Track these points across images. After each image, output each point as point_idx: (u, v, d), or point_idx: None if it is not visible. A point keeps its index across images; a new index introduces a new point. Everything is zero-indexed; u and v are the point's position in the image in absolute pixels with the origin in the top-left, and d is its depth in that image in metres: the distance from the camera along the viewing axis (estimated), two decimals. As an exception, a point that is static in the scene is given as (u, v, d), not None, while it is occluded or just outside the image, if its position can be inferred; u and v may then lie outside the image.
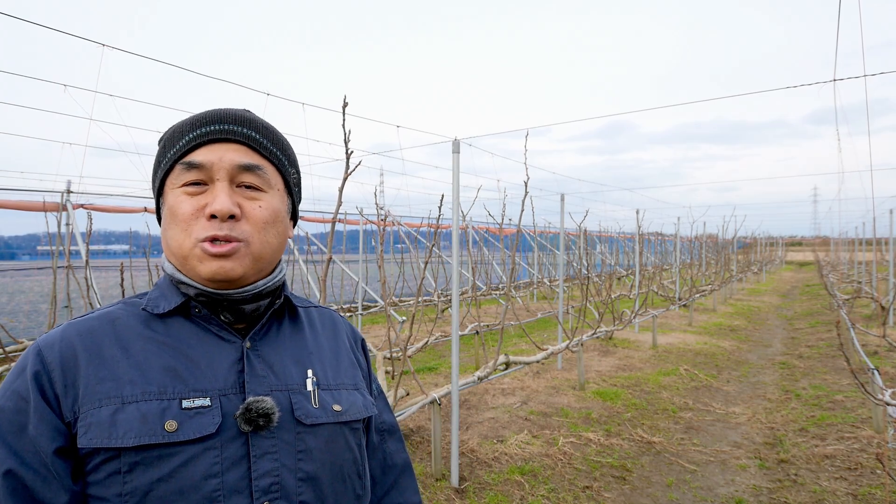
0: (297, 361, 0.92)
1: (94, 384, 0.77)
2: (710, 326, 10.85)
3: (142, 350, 0.82)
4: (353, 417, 0.92)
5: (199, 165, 0.84)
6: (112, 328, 0.83)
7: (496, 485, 3.83)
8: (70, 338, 0.81)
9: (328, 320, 1.04)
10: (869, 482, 3.90)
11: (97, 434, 0.75)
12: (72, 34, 4.76)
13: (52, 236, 5.91)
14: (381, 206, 6.47)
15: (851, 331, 7.01)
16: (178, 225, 0.84)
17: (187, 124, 0.88)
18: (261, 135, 0.89)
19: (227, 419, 0.80)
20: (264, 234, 0.87)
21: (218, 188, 0.84)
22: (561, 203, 7.44)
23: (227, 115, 0.88)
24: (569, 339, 5.89)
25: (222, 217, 0.83)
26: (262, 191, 0.88)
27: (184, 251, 0.84)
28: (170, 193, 0.86)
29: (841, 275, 20.93)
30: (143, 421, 0.76)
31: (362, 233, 11.67)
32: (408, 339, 4.05)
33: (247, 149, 0.88)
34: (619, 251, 22.37)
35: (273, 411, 0.81)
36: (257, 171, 0.87)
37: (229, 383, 0.83)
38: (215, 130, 0.86)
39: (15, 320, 10.74)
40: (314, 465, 0.85)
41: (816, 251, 41.29)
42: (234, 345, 0.87)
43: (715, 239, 19.50)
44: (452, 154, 3.79)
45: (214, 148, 0.86)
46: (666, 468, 4.25)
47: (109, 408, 0.76)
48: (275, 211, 0.89)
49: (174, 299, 0.87)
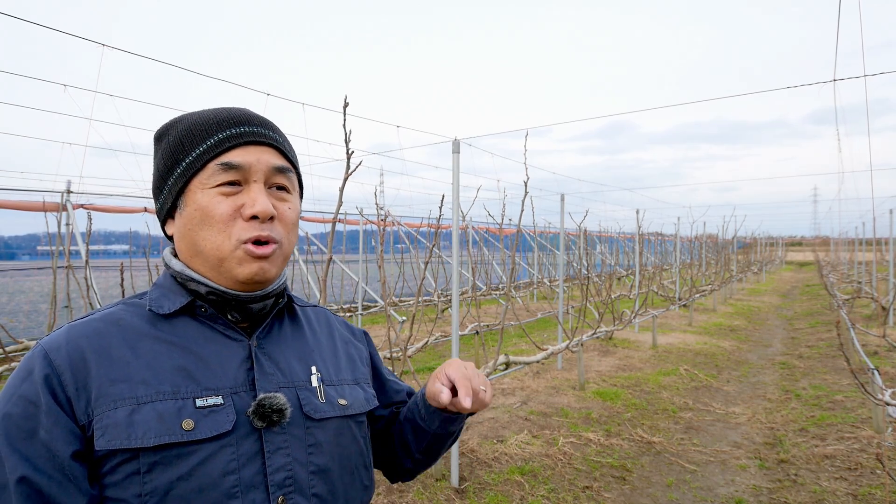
0: (301, 359, 0.93)
1: (107, 386, 0.77)
2: (710, 326, 10.85)
3: (150, 350, 0.81)
4: (357, 411, 0.95)
5: (238, 166, 0.85)
6: (118, 329, 0.83)
7: (496, 485, 3.83)
8: (76, 340, 0.80)
9: (323, 318, 1.06)
10: (869, 482, 3.90)
11: (115, 435, 0.74)
12: (72, 34, 4.77)
13: (52, 236, 5.91)
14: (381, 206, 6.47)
15: (851, 331, 7.01)
16: (215, 226, 0.83)
17: (212, 123, 0.87)
18: (282, 138, 0.92)
19: (241, 416, 0.81)
20: (292, 236, 0.90)
21: (255, 189, 0.85)
22: (561, 203, 7.44)
23: (253, 117, 0.90)
24: (569, 339, 5.89)
25: (264, 218, 0.84)
26: (290, 192, 0.91)
27: (222, 253, 0.84)
28: (200, 193, 0.85)
29: (841, 275, 20.93)
30: (160, 420, 0.76)
31: (362, 233, 11.67)
32: (408, 340, 4.05)
33: (277, 152, 0.90)
34: (619, 251, 22.37)
35: (286, 407, 0.83)
36: (288, 173, 0.90)
37: (239, 381, 0.84)
38: (249, 132, 0.87)
39: (15, 320, 10.74)
40: (324, 458, 0.87)
41: (816, 251, 41.29)
42: (241, 343, 0.87)
43: (715, 239, 19.49)
44: (452, 154, 3.79)
45: (250, 150, 0.86)
46: (666, 468, 4.25)
47: (125, 409, 0.76)
48: (298, 213, 0.92)
49: (179, 299, 0.87)
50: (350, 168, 2.92)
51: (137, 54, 5.71)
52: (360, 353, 1.06)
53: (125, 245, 14.42)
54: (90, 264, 4.81)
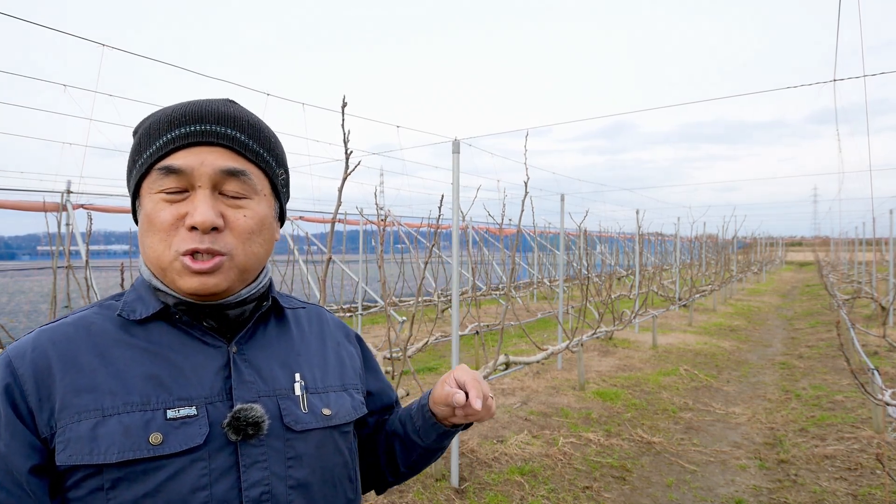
0: (285, 365, 0.88)
1: (72, 396, 0.73)
2: (710, 326, 10.85)
3: (121, 357, 0.77)
4: (342, 421, 0.90)
5: (178, 171, 0.78)
6: (88, 334, 0.78)
7: (496, 485, 3.83)
8: (43, 346, 0.75)
9: (315, 318, 1.00)
10: (869, 482, 3.90)
11: (77, 450, 0.71)
12: (72, 34, 4.76)
13: (52, 236, 5.91)
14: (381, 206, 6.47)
15: (851, 331, 7.01)
16: (157, 234, 0.78)
17: (164, 121, 0.80)
18: (245, 135, 0.82)
19: (215, 428, 0.76)
20: (249, 245, 0.81)
21: (199, 197, 0.78)
22: (561, 203, 7.45)
23: (209, 112, 0.80)
24: (569, 340, 5.89)
25: (204, 230, 0.77)
26: (248, 198, 0.82)
27: (163, 263, 0.78)
28: (147, 198, 0.80)
29: (841, 275, 20.92)
30: (125, 434, 0.72)
31: (362, 233, 11.67)
32: (408, 340, 4.05)
33: (231, 152, 0.80)
34: (619, 251, 22.36)
35: (262, 419, 0.78)
36: (242, 176, 0.80)
37: (216, 390, 0.79)
38: (196, 132, 0.79)
39: (15, 320, 10.74)
40: (305, 471, 0.82)
41: (816, 251, 41.28)
42: (219, 350, 0.82)
43: (715, 239, 19.49)
44: (452, 154, 3.79)
45: (195, 151, 0.79)
46: (666, 468, 4.25)
47: (89, 421, 0.72)
48: (261, 219, 0.83)
49: (153, 304, 0.82)
50: (349, 168, 2.92)
51: (137, 54, 5.71)
52: (351, 357, 1.01)
53: (125, 245, 14.40)
54: (90, 264, 4.80)
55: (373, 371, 1.07)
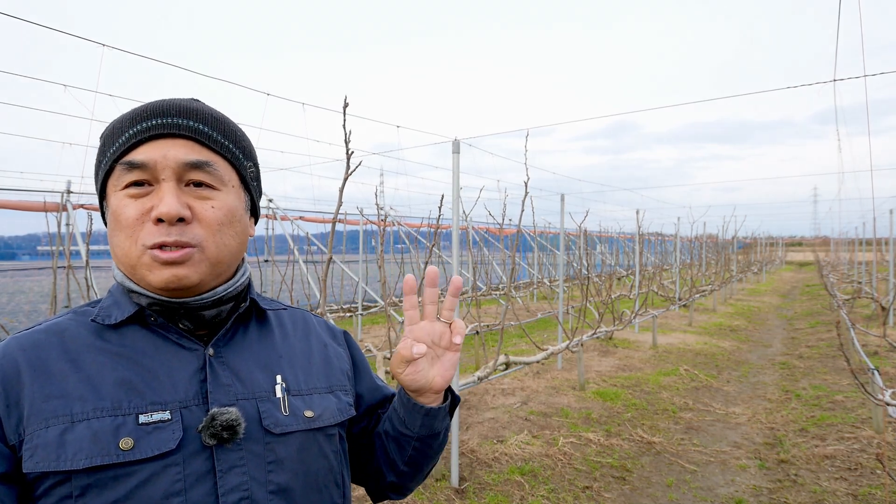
0: (265, 367, 0.86)
1: (40, 402, 0.72)
2: (710, 326, 10.85)
3: (93, 363, 0.76)
4: (326, 423, 0.87)
5: (141, 165, 0.77)
6: (60, 340, 0.77)
7: (496, 485, 3.83)
8: (12, 353, 0.75)
9: (300, 321, 0.98)
10: (869, 482, 3.90)
11: (44, 457, 0.69)
12: (72, 34, 4.77)
13: (52, 236, 5.91)
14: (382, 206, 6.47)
15: (851, 331, 7.01)
16: (123, 231, 0.77)
17: (127, 119, 0.80)
18: (209, 127, 0.81)
19: (190, 433, 0.75)
20: (220, 237, 0.80)
21: (164, 189, 0.77)
22: (561, 203, 7.45)
23: (171, 106, 0.80)
24: (569, 340, 5.89)
25: (170, 221, 0.75)
26: (215, 189, 0.81)
27: (131, 259, 0.77)
28: (112, 196, 0.79)
29: (841, 275, 20.92)
30: (94, 440, 0.70)
31: (362, 233, 11.68)
32: (408, 340, 4.05)
33: (194, 143, 0.80)
34: (619, 251, 22.36)
35: (238, 423, 0.76)
36: (207, 167, 0.79)
37: (191, 394, 0.77)
38: (158, 125, 0.78)
39: (15, 320, 10.74)
40: (286, 475, 0.80)
41: (816, 251, 41.30)
42: (195, 352, 0.81)
43: (715, 239, 19.49)
44: (452, 154, 3.79)
45: (158, 144, 0.78)
46: (666, 468, 4.25)
47: (57, 427, 0.71)
48: (230, 210, 0.82)
49: (127, 308, 0.80)
50: (350, 168, 2.92)
51: (137, 54, 5.71)
52: (339, 358, 0.98)
53: (125, 245, 14.28)
54: (90, 264, 4.81)
55: (363, 370, 1.04)
